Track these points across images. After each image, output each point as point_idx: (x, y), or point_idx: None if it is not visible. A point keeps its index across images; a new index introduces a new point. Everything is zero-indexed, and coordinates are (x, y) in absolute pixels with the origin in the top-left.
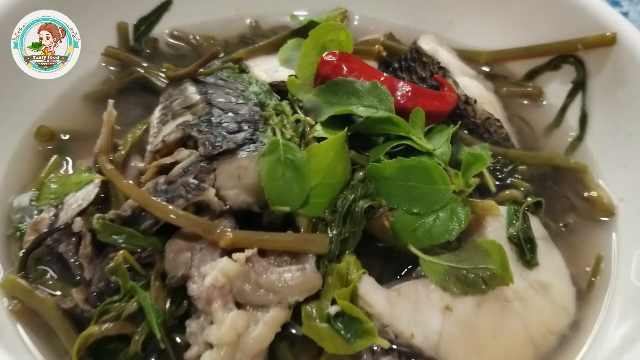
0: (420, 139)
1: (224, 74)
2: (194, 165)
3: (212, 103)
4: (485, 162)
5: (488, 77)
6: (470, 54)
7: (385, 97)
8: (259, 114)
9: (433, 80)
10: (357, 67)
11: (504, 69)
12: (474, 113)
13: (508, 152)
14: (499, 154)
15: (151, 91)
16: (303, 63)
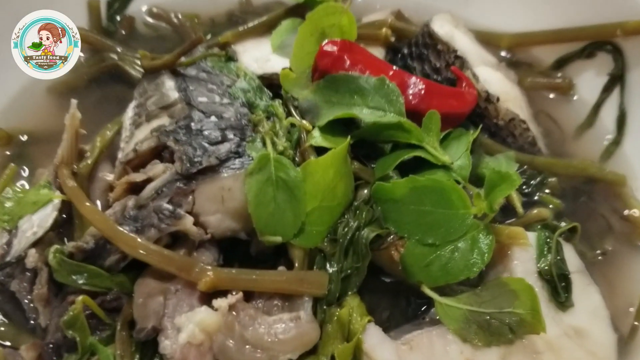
0: (436, 148)
1: (207, 63)
2: (168, 185)
3: (193, 104)
4: (513, 184)
5: (510, 64)
6: (489, 37)
7: (394, 96)
8: (247, 117)
9: (448, 71)
10: (362, 59)
11: (528, 56)
12: (497, 113)
13: (535, 161)
14: (524, 163)
15: (126, 82)
16: (299, 53)
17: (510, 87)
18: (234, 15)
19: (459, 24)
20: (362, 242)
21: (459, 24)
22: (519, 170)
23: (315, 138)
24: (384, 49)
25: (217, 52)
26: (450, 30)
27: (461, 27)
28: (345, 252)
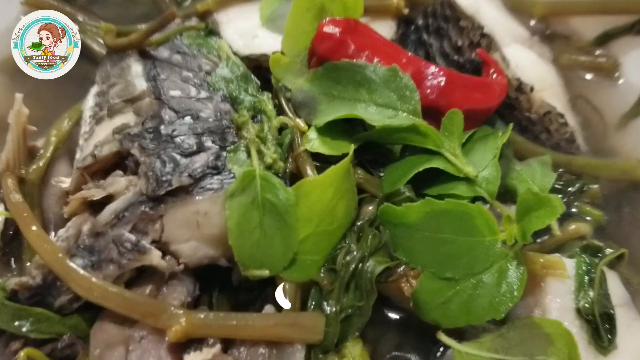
0: (457, 156)
1: (183, 40)
2: (131, 209)
3: (163, 98)
4: (554, 212)
5: (544, 38)
6: (519, 3)
7: (408, 91)
8: (229, 116)
9: (472, 52)
10: (370, 43)
11: (565, 27)
12: (529, 105)
13: (573, 162)
14: (560, 165)
15: (88, 58)
16: (292, 32)
17: (546, 72)
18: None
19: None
20: (367, 276)
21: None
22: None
23: (311, 142)
24: (395, 22)
25: (195, 24)
26: (476, 0)
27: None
28: (346, 287)
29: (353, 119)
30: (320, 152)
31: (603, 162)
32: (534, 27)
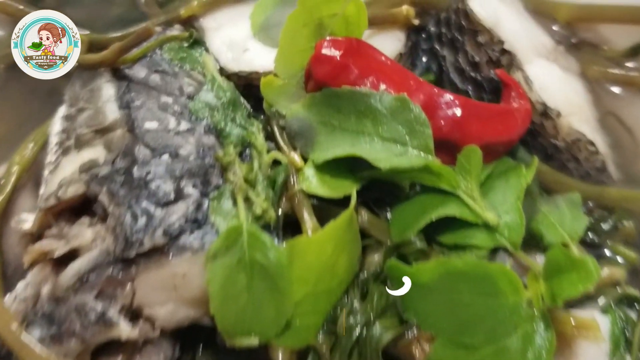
0: (475, 199)
1: (164, 55)
2: (97, 271)
3: (137, 132)
4: (590, 278)
5: (570, 47)
6: (542, 6)
7: (419, 125)
8: (213, 152)
9: (491, 69)
10: (375, 66)
11: (594, 35)
12: (556, 131)
13: (605, 194)
14: (590, 197)
15: None
16: (287, 50)
17: (574, 91)
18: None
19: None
20: (373, 345)
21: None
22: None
23: (308, 181)
24: (404, 32)
25: (178, 33)
26: (494, 8)
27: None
28: (348, 356)
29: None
30: (318, 194)
31: (638, 194)
32: (559, 33)
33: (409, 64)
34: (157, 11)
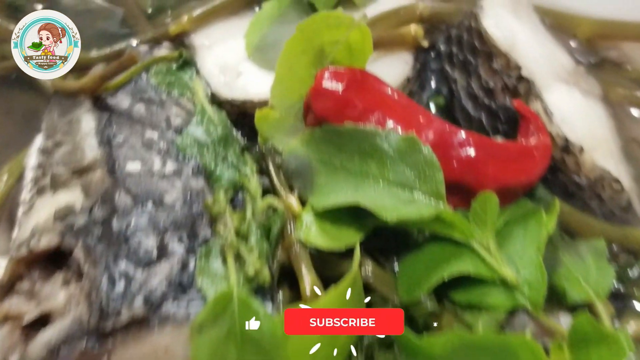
0: (491, 252)
1: (151, 80)
2: (70, 343)
3: (118, 175)
4: (621, 354)
5: (591, 67)
6: (561, 19)
7: (429, 169)
8: (201, 198)
9: (506, 96)
10: (381, 100)
11: (617, 53)
12: (577, 168)
13: (630, 236)
14: (615, 240)
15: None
16: (284, 79)
17: (597, 120)
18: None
19: (520, 4)
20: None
21: (519, 5)
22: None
23: (306, 229)
24: (411, 54)
25: (166, 54)
26: (510, 28)
27: (523, 7)
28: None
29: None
30: (317, 244)
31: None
32: (578, 51)
33: (417, 86)
34: (145, 25)
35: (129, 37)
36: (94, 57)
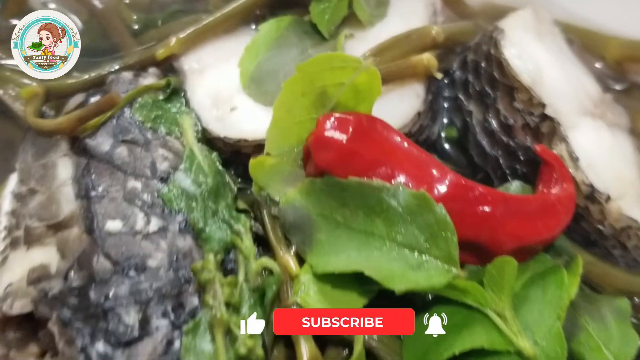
0: (507, 321)
1: (135, 116)
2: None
3: (97, 235)
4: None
5: (618, 94)
6: (588, 39)
7: (441, 230)
8: (189, 261)
9: (527, 135)
10: (389, 150)
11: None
12: (603, 217)
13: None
14: (638, 293)
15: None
16: (282, 122)
17: (625, 163)
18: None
19: (543, 22)
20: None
21: (542, 22)
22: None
23: (305, 293)
24: (423, 86)
25: (152, 82)
26: (534, 59)
27: (546, 26)
28: None
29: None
30: (318, 304)
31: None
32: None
33: (428, 119)
34: (130, 42)
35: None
36: (72, 84)
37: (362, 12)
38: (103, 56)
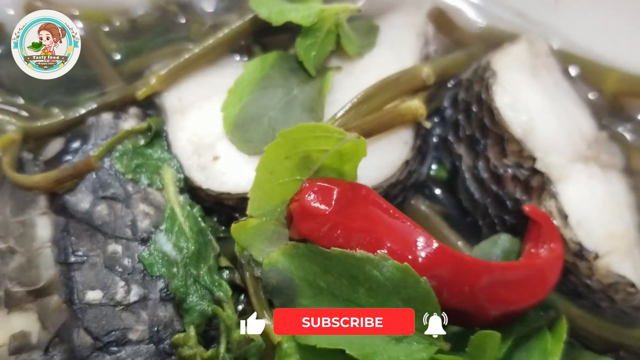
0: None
1: (115, 166)
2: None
3: (77, 307)
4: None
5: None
6: (586, 70)
7: (425, 303)
8: (170, 332)
9: (517, 188)
10: (374, 220)
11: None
12: (591, 272)
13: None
14: (624, 345)
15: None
16: (264, 184)
17: (618, 215)
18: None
19: (539, 57)
20: None
21: (538, 58)
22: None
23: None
24: (411, 132)
25: (133, 124)
26: (527, 109)
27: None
28: None
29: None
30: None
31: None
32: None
33: (417, 164)
34: (110, 72)
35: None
36: (50, 125)
37: (350, 45)
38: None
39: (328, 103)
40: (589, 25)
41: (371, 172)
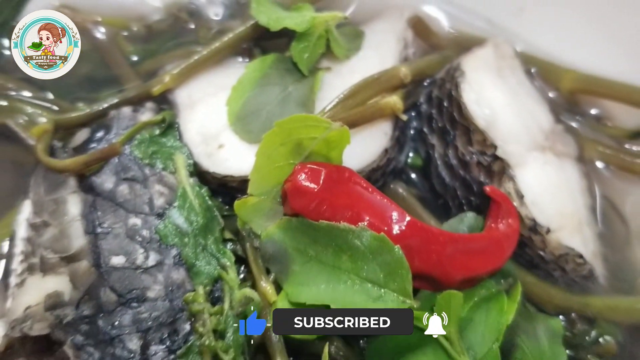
0: (452, 342)
1: (134, 153)
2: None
3: (103, 270)
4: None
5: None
6: (545, 70)
7: (398, 267)
8: (182, 291)
9: (481, 172)
10: (356, 198)
11: (600, 109)
12: (544, 245)
13: (589, 305)
14: (572, 309)
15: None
16: (263, 167)
17: (568, 196)
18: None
19: (504, 59)
20: None
21: (503, 60)
22: (564, 322)
23: None
24: (390, 124)
25: (150, 116)
26: (491, 104)
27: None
28: None
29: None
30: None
31: (625, 303)
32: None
33: (395, 152)
34: (128, 72)
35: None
36: (77, 117)
37: (338, 49)
38: (105, 85)
39: (319, 99)
40: (549, 31)
41: (355, 158)
